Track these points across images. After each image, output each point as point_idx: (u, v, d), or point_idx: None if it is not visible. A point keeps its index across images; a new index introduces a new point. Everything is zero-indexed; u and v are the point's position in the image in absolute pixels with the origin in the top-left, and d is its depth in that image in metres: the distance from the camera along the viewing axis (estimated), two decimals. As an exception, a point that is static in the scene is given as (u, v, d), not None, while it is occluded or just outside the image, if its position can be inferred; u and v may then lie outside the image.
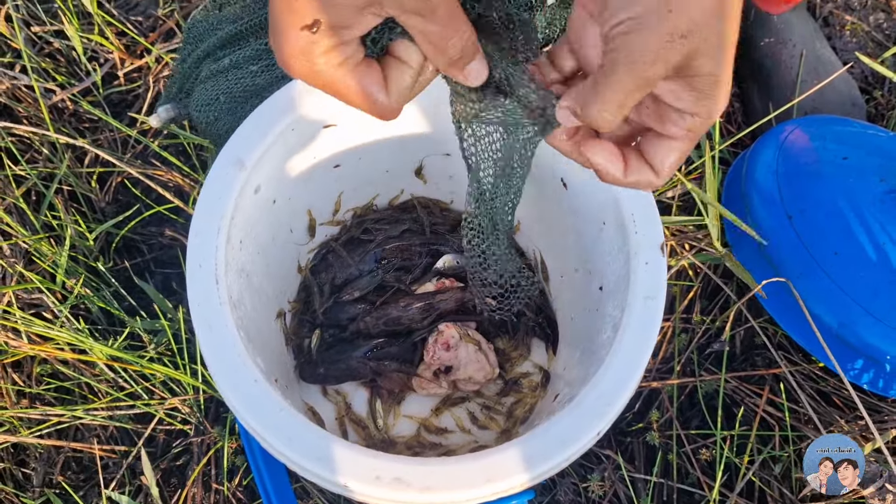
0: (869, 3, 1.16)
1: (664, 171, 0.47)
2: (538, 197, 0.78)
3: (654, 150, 0.46)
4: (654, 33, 0.39)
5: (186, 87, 0.87)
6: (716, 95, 0.42)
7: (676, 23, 0.38)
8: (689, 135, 0.45)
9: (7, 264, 0.86)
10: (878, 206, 0.82)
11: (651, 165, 0.47)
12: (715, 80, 0.41)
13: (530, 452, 0.56)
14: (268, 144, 0.66)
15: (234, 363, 0.57)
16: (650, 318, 0.59)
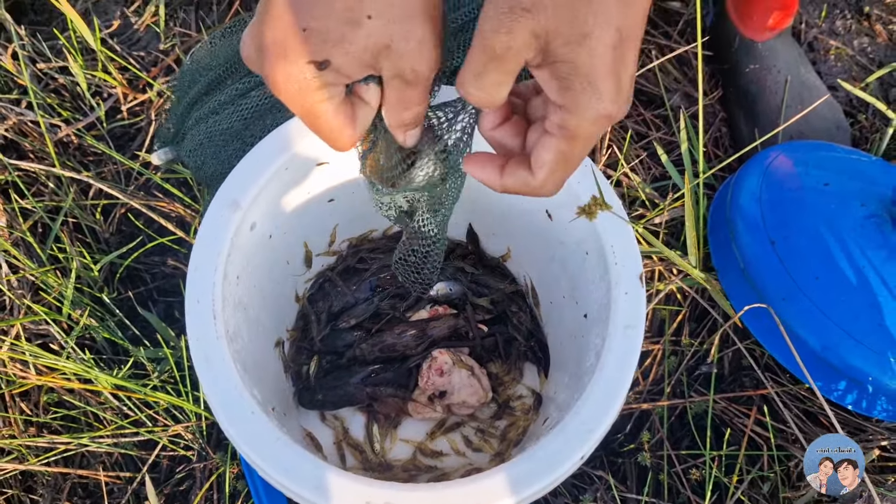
0: (853, 28, 1.19)
1: (538, 170, 0.46)
2: (527, 227, 0.81)
3: (535, 148, 0.46)
4: (496, 6, 0.39)
5: (182, 131, 0.91)
6: (580, 87, 0.41)
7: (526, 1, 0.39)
8: (562, 132, 0.43)
9: (15, 296, 0.89)
10: (859, 231, 0.84)
11: (531, 167, 0.46)
12: (573, 67, 0.40)
13: (517, 476, 0.58)
14: (263, 183, 0.69)
15: (230, 396, 0.59)
16: (630, 346, 0.62)
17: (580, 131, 0.43)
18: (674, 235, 0.98)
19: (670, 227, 0.98)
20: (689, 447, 0.89)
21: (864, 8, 1.20)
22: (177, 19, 1.14)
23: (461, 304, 0.88)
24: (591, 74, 0.40)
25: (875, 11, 1.20)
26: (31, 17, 1.17)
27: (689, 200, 0.82)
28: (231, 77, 0.88)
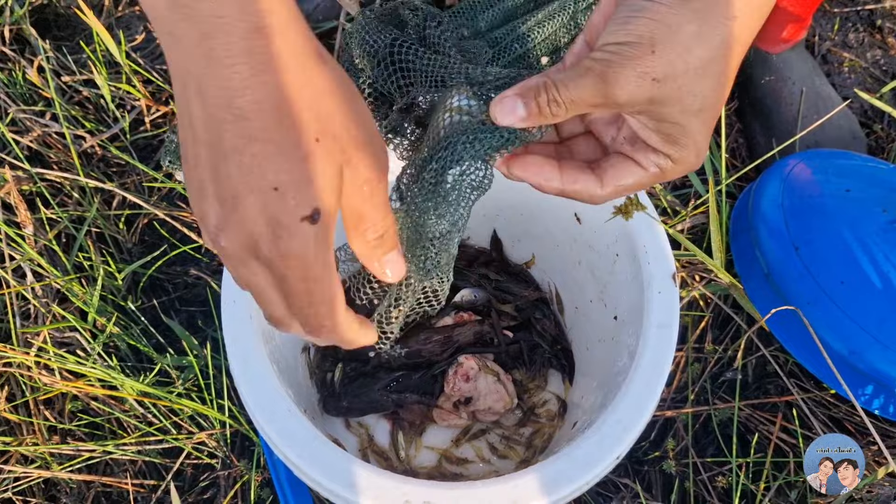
0: (866, 41, 1.21)
1: (609, 186, 0.47)
2: (553, 232, 0.81)
3: (614, 168, 0.47)
4: (631, 67, 0.41)
5: None
6: (684, 143, 0.44)
7: (655, 64, 0.41)
8: (655, 170, 0.46)
9: (40, 305, 0.90)
10: (882, 236, 0.85)
11: (601, 180, 0.47)
12: (682, 129, 0.43)
13: (554, 476, 0.58)
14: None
15: (269, 395, 0.60)
16: (665, 344, 0.62)
17: (671, 175, 0.47)
18: (695, 243, 0.98)
19: (692, 234, 0.99)
20: (714, 455, 0.89)
21: (877, 21, 1.22)
22: (199, 33, 1.15)
23: (485, 310, 0.89)
24: (697, 137, 0.44)
25: (887, 24, 1.21)
26: (55, 33, 1.18)
27: (713, 205, 0.83)
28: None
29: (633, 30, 0.42)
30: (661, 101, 0.42)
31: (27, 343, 0.88)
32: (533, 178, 0.48)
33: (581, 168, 0.48)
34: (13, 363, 0.86)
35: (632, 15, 0.43)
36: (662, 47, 0.41)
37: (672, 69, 0.41)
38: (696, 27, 0.41)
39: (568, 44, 1.05)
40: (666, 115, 0.43)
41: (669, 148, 0.45)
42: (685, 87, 0.42)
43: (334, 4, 1.13)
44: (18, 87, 1.07)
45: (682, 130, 0.44)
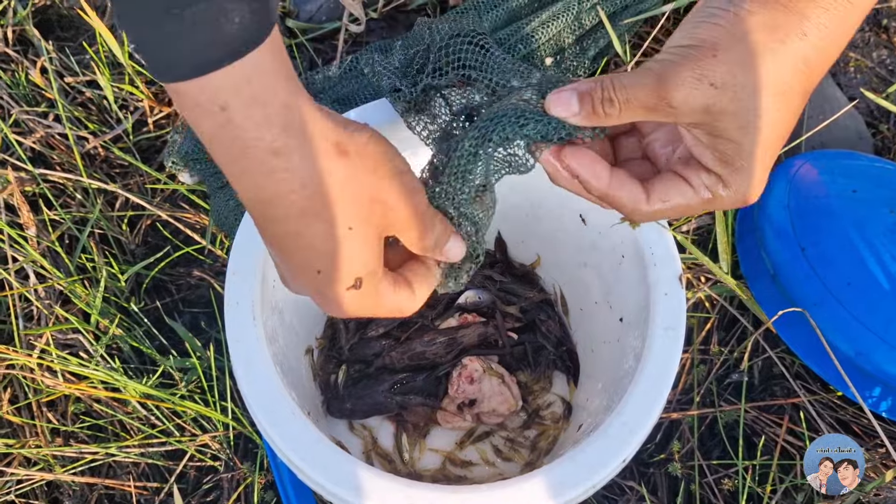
0: (871, 41, 1.20)
1: (657, 202, 0.46)
2: (558, 233, 0.81)
3: (665, 184, 0.46)
4: (690, 68, 0.40)
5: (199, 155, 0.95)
6: (739, 166, 0.42)
7: (714, 69, 0.40)
8: (704, 191, 0.44)
9: (43, 306, 0.89)
10: (889, 237, 0.84)
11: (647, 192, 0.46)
12: (737, 148, 0.42)
13: (560, 479, 0.57)
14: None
15: (272, 397, 0.59)
16: (671, 347, 0.62)
17: (721, 202, 0.45)
18: (701, 245, 0.98)
19: (697, 234, 0.98)
20: (720, 457, 0.88)
21: (882, 21, 1.21)
22: (202, 34, 1.15)
23: (490, 312, 0.88)
24: (754, 161, 0.42)
25: (893, 24, 1.21)
26: (58, 34, 1.18)
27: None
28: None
29: (699, 34, 0.41)
30: (719, 111, 0.41)
31: (30, 345, 0.88)
32: (584, 170, 0.45)
33: (631, 177, 0.46)
34: (16, 365, 0.86)
35: (701, 20, 0.42)
36: (725, 53, 0.40)
37: (732, 78, 0.40)
38: (763, 38, 0.40)
39: (572, 44, 1.05)
40: (722, 130, 0.41)
41: (722, 168, 0.43)
42: (744, 100, 0.40)
43: (337, 5, 1.12)
44: (21, 89, 1.06)
45: (738, 149, 0.42)
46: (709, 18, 0.41)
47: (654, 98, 0.41)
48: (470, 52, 0.59)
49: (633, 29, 1.08)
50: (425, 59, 0.63)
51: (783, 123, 0.41)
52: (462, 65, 0.59)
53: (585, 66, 1.05)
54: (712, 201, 0.45)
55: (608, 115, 0.43)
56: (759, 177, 0.43)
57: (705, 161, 0.44)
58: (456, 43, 0.60)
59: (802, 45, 0.40)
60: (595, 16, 1.02)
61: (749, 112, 0.40)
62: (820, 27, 0.41)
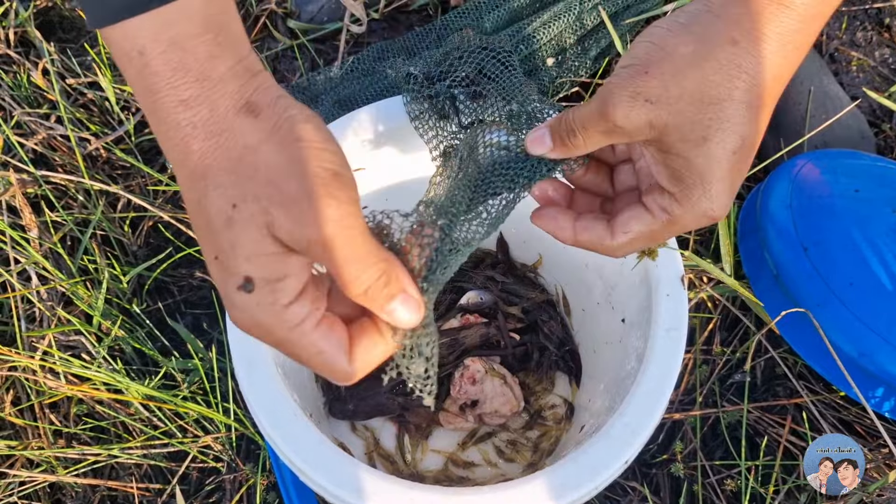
0: (874, 40, 1.20)
1: (621, 234, 0.46)
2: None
3: (625, 215, 0.46)
4: (624, 86, 0.41)
5: None
6: (690, 181, 0.42)
7: (647, 85, 0.41)
8: (661, 213, 0.45)
9: (45, 308, 0.89)
10: (892, 237, 0.84)
11: (612, 230, 0.47)
12: (686, 163, 0.42)
13: (561, 481, 0.57)
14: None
15: (273, 399, 0.59)
16: (673, 348, 0.61)
17: (680, 222, 0.45)
18: (703, 245, 0.98)
19: (700, 235, 0.98)
20: (722, 457, 0.88)
21: (885, 20, 1.21)
22: (203, 35, 1.15)
23: (492, 313, 0.88)
24: (705, 175, 0.42)
25: (895, 23, 1.20)
26: (60, 35, 1.18)
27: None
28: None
29: (636, 52, 0.42)
30: (662, 126, 0.41)
31: (32, 347, 0.88)
32: (549, 226, 0.50)
33: (596, 218, 0.48)
34: (18, 367, 0.86)
35: (639, 40, 0.43)
36: (655, 68, 0.41)
37: (665, 91, 0.40)
38: (690, 50, 0.40)
39: (574, 44, 1.05)
40: (670, 145, 0.42)
41: (675, 185, 0.43)
42: (684, 113, 0.40)
43: (339, 6, 1.12)
44: (23, 90, 1.06)
45: (687, 164, 0.42)
46: (646, 37, 0.43)
47: (602, 121, 0.42)
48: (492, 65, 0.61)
49: (634, 29, 1.07)
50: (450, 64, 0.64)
51: (732, 133, 0.41)
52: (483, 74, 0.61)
53: (587, 66, 1.05)
54: (672, 222, 0.45)
55: (575, 144, 0.45)
56: (718, 190, 0.42)
57: (661, 180, 0.44)
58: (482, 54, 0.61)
59: (735, 50, 0.40)
60: (597, 16, 1.02)
61: (690, 124, 0.40)
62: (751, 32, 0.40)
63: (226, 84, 0.37)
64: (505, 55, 0.62)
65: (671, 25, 0.42)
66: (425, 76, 0.66)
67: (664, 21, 0.43)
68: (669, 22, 0.43)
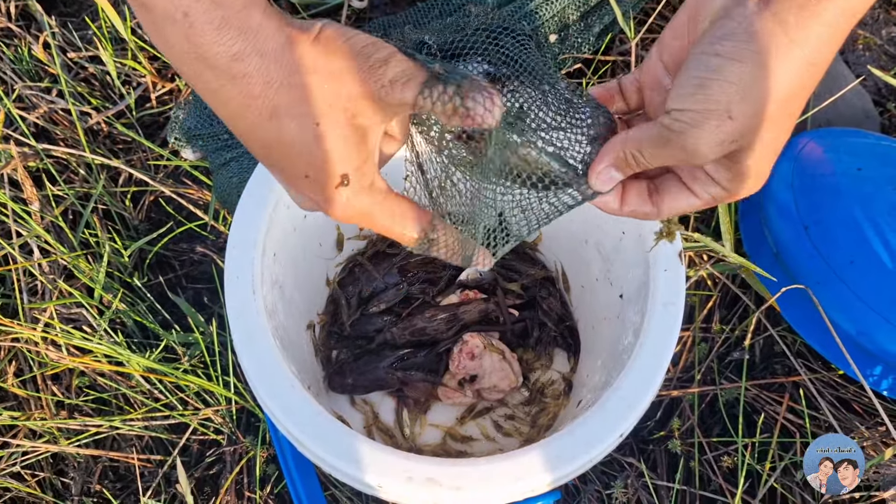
0: (881, 18, 1.18)
1: (665, 211, 0.49)
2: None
3: (668, 192, 0.48)
4: (711, 136, 0.41)
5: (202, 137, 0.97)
6: (748, 181, 0.44)
7: (733, 129, 0.40)
8: (709, 199, 0.47)
9: (47, 280, 0.90)
10: (894, 215, 0.84)
11: (656, 203, 0.49)
12: (749, 169, 0.43)
13: (557, 453, 0.58)
14: (300, 161, 0.69)
15: (272, 370, 0.60)
16: (670, 322, 0.62)
17: (723, 202, 0.47)
18: (704, 222, 0.97)
19: (701, 213, 0.98)
20: (720, 434, 0.89)
21: (892, -2, 1.19)
22: (204, 10, 1.14)
23: (491, 289, 0.88)
24: (762, 172, 0.44)
25: (903, 1, 1.19)
26: (61, 9, 1.18)
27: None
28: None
29: (712, 94, 0.40)
30: (738, 151, 0.42)
31: (34, 319, 0.89)
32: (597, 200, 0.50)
33: (640, 195, 0.49)
34: (20, 339, 0.87)
35: (707, 77, 0.40)
36: (740, 112, 0.40)
37: (748, 128, 0.41)
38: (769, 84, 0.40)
39: (577, 21, 1.04)
40: (738, 159, 0.43)
41: (733, 184, 0.45)
42: (758, 136, 0.41)
43: (341, -20, 1.12)
44: (24, 64, 1.06)
45: (749, 170, 0.44)
46: (716, 74, 0.40)
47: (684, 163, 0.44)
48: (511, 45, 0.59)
49: (637, 5, 1.06)
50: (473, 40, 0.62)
51: (783, 140, 0.43)
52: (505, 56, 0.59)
53: (590, 42, 1.04)
54: (713, 202, 0.47)
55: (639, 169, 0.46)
56: (765, 177, 0.45)
57: (718, 178, 0.45)
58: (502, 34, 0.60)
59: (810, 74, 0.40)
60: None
61: (761, 143, 0.42)
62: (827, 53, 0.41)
63: (264, 29, 0.40)
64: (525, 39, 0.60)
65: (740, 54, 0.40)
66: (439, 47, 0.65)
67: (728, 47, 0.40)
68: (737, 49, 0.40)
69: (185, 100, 1.03)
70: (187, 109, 0.99)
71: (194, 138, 0.97)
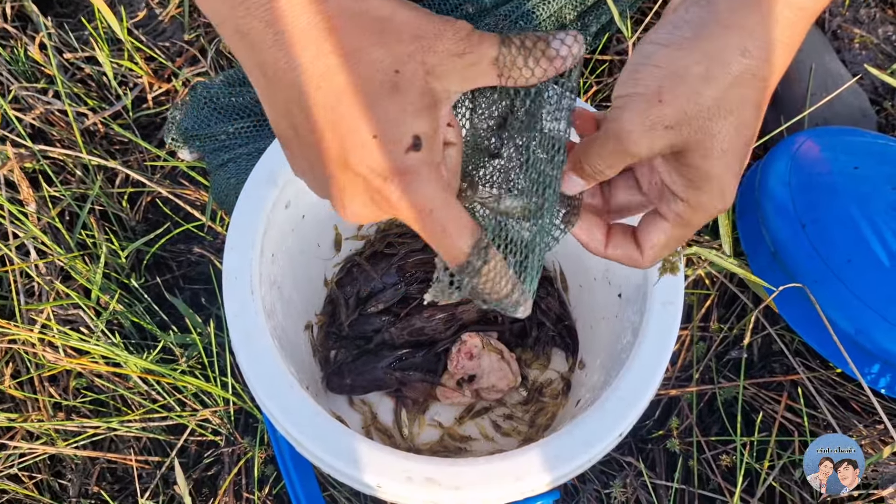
0: (877, 17, 1.19)
1: (648, 249, 0.47)
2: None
3: (646, 227, 0.47)
4: (640, 117, 0.41)
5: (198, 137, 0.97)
6: (706, 190, 0.43)
7: (663, 113, 0.40)
8: (677, 219, 0.45)
9: (44, 282, 0.90)
10: (890, 214, 0.84)
11: (638, 243, 0.48)
12: (705, 174, 0.42)
13: (556, 453, 0.58)
14: (298, 161, 0.69)
15: (270, 370, 0.59)
16: (669, 321, 0.62)
17: (696, 223, 0.45)
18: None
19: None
20: (718, 433, 0.89)
21: (889, -3, 1.20)
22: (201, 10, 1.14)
23: (489, 289, 0.88)
24: (722, 181, 0.42)
25: (899, 0, 1.19)
26: (57, 10, 1.18)
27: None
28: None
29: (641, 79, 0.41)
30: (682, 145, 0.41)
31: (31, 320, 0.88)
32: (582, 237, 0.50)
33: (624, 234, 0.49)
34: (17, 340, 0.86)
35: (640, 63, 0.41)
36: (669, 94, 0.40)
37: (684, 115, 0.40)
38: (703, 68, 0.40)
39: (574, 20, 1.04)
40: (688, 160, 0.42)
41: (691, 193, 0.43)
42: (703, 129, 0.40)
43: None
44: (20, 65, 1.06)
45: (705, 176, 0.42)
46: (648, 59, 0.41)
47: (624, 156, 0.42)
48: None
49: (635, 4, 1.07)
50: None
51: (741, 137, 0.41)
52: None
53: (587, 42, 1.04)
54: (687, 224, 0.45)
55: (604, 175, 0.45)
56: (729, 189, 0.43)
57: (675, 189, 0.44)
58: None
59: (748, 63, 0.40)
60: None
61: (709, 139, 0.41)
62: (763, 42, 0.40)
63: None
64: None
65: (675, 41, 0.41)
66: None
67: (663, 35, 0.42)
68: (671, 37, 0.41)
69: (181, 100, 1.02)
70: (184, 110, 0.99)
71: (191, 139, 0.97)
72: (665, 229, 0.46)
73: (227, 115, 0.96)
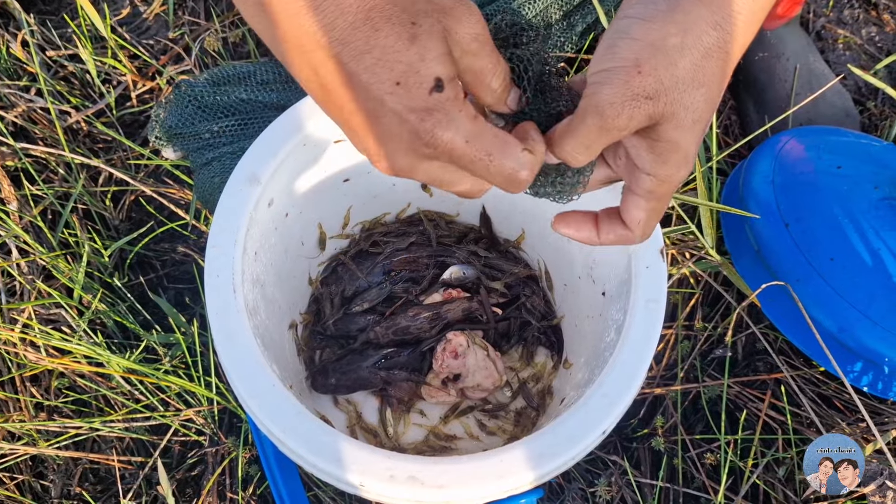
0: (861, 18, 1.19)
1: (634, 227, 0.49)
2: (542, 208, 0.80)
3: (626, 207, 0.49)
4: (620, 88, 0.41)
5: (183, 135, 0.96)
6: (673, 161, 0.44)
7: (643, 83, 0.41)
8: (649, 195, 0.47)
9: (26, 281, 0.89)
10: (873, 213, 0.84)
11: (625, 223, 0.49)
12: (674, 146, 0.43)
13: (539, 450, 0.57)
14: (280, 160, 0.69)
15: (251, 369, 0.59)
16: (652, 319, 0.62)
17: (667, 193, 0.47)
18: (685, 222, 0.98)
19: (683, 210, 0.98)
20: (703, 432, 0.89)
21: (872, -2, 1.20)
22: (185, 8, 1.14)
23: (474, 288, 0.88)
24: (688, 151, 0.44)
25: (882, 1, 1.20)
26: (40, 7, 1.17)
27: (701, 184, 0.82)
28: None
29: (618, 52, 0.42)
30: (659, 115, 0.42)
31: (12, 320, 0.88)
32: (574, 235, 0.52)
33: (611, 220, 0.50)
34: (-2, 340, 0.85)
35: (617, 37, 0.42)
36: (647, 65, 0.41)
37: (661, 85, 0.41)
38: (679, 40, 0.41)
39: (560, 20, 1.04)
40: (661, 133, 0.43)
41: (657, 167, 0.45)
42: (677, 100, 0.42)
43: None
44: (3, 62, 1.05)
45: (674, 147, 0.43)
46: (625, 34, 0.42)
47: (606, 133, 0.43)
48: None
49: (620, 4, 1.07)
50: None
51: (712, 108, 0.43)
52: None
53: (573, 41, 1.04)
54: (662, 197, 0.47)
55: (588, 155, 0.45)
56: (692, 157, 0.45)
57: (642, 164, 0.45)
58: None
59: (717, 35, 0.42)
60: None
61: (682, 110, 0.42)
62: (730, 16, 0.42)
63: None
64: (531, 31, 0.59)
65: (650, 14, 0.42)
66: None
67: (638, 9, 0.43)
68: (646, 10, 0.42)
69: (165, 98, 1.02)
70: (168, 108, 0.98)
71: (175, 137, 0.96)
72: (642, 206, 0.48)
73: (212, 113, 0.96)
